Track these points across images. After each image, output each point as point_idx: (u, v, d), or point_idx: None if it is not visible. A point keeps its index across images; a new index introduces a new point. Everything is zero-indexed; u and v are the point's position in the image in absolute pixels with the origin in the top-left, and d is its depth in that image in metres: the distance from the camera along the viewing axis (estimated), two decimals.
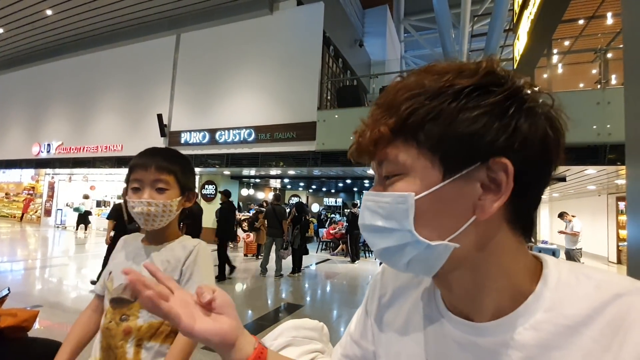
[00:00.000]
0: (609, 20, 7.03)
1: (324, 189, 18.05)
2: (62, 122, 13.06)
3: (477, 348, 0.40)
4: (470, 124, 0.36)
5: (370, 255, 10.22)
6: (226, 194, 6.29)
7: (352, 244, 9.09)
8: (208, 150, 9.91)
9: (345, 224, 10.27)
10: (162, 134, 10.51)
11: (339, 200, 18.72)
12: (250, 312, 4.56)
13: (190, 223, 5.69)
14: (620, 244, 10.13)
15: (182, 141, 10.28)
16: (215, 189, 11.75)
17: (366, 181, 12.39)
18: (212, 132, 9.83)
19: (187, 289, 0.91)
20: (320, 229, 11.74)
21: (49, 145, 13.16)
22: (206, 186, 11.79)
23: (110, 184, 14.64)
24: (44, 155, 13.32)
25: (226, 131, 9.62)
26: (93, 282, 5.54)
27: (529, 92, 0.38)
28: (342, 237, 10.17)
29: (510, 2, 9.41)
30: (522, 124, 0.36)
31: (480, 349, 0.40)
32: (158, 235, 0.99)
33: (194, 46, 10.72)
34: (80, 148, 12.40)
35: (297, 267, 6.90)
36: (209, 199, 11.46)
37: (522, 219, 0.40)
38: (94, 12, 11.26)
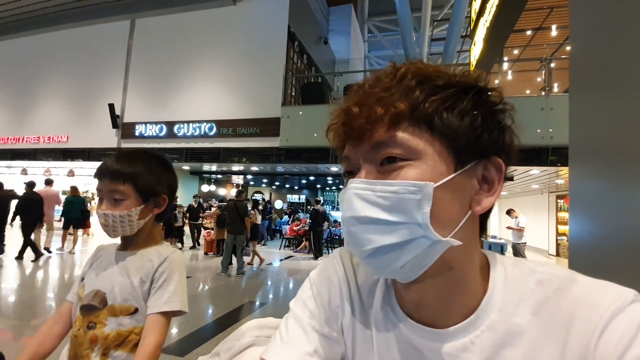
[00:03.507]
0: (554, 32, 7.64)
1: (287, 186, 17.95)
2: None
3: (438, 354, 0.39)
4: (482, 120, 0.38)
5: (333, 251, 10.33)
6: (30, 185, 6.99)
7: (315, 241, 9.13)
8: (165, 144, 9.45)
9: (308, 220, 10.29)
10: (114, 125, 9.85)
11: (302, 197, 18.73)
12: (210, 311, 4.42)
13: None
14: (559, 238, 11.12)
15: (137, 133, 9.70)
16: None
17: (329, 178, 12.50)
18: (170, 124, 9.38)
19: (158, 296, 0.90)
20: (283, 226, 11.66)
21: None
22: None
23: (53, 178, 13.43)
24: None
25: (185, 124, 9.23)
26: None
27: (506, 104, 0.41)
28: (305, 233, 10.18)
29: (467, 10, 9.92)
30: (507, 130, 0.40)
31: (441, 355, 0.39)
32: (131, 241, 0.99)
33: (150, 33, 10.13)
34: (19, 138, 11.27)
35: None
36: None
37: (487, 217, 0.42)
38: None
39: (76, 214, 7.76)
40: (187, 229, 9.63)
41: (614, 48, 0.91)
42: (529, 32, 7.97)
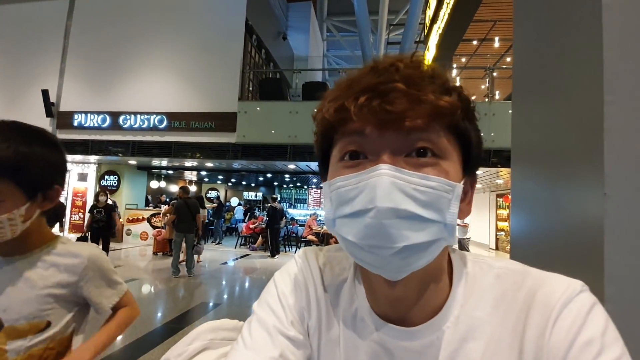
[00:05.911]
0: (497, 43, 8.27)
1: (243, 183, 17.55)
2: None
3: (406, 352, 0.40)
4: (479, 134, 0.40)
5: (290, 249, 10.29)
6: None
7: (272, 239, 9.04)
8: (109, 136, 8.76)
9: (265, 218, 10.15)
10: (48, 114, 8.93)
11: (259, 194, 18.43)
12: (160, 314, 4.19)
13: None
14: (498, 233, 12.10)
15: (76, 124, 8.89)
16: (119, 180, 10.52)
17: (287, 176, 12.42)
18: (115, 115, 8.71)
19: (100, 293, 0.85)
20: (239, 224, 11.39)
21: None
22: (106, 177, 10.59)
23: None
24: None
25: (132, 116, 8.63)
26: None
27: None
28: (261, 231, 10.03)
29: (421, 17, 10.38)
30: None
31: (409, 353, 0.40)
32: (16, 245, 0.77)
33: (92, 15, 9.30)
34: None
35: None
36: (111, 191, 10.20)
37: None
38: None
39: None
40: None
41: (552, 61, 1.00)
42: (474, 42, 8.54)
